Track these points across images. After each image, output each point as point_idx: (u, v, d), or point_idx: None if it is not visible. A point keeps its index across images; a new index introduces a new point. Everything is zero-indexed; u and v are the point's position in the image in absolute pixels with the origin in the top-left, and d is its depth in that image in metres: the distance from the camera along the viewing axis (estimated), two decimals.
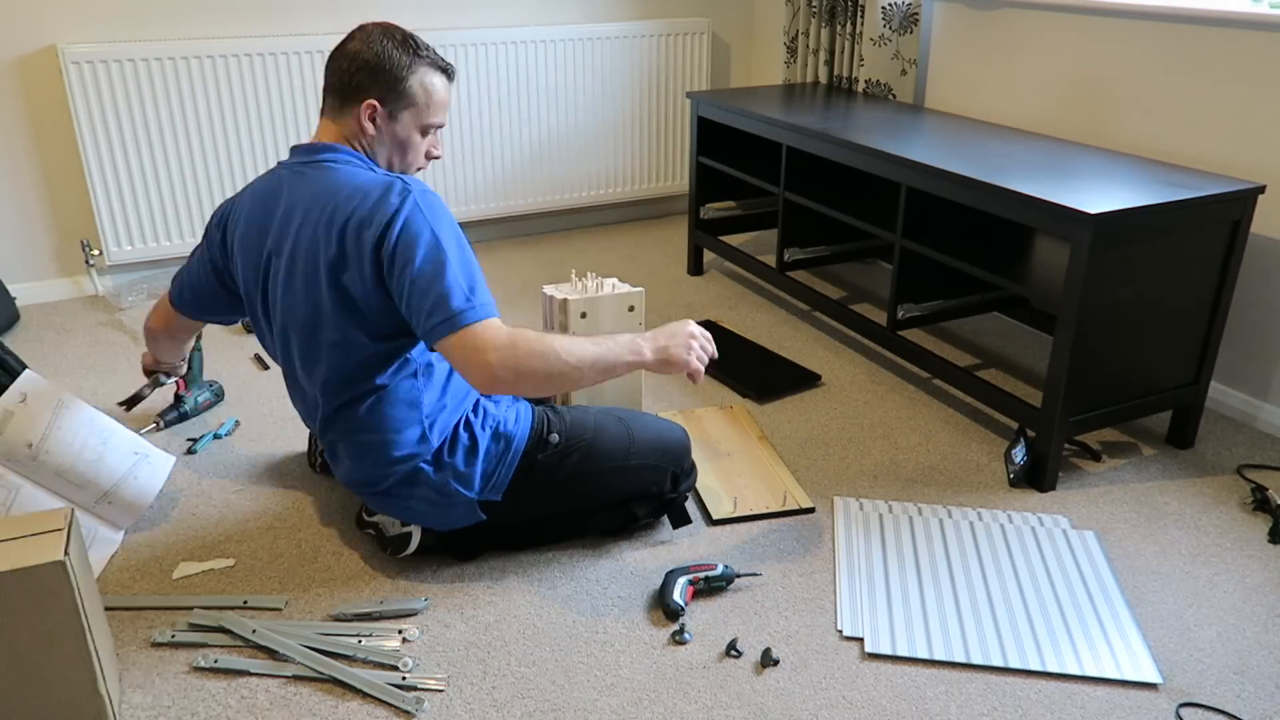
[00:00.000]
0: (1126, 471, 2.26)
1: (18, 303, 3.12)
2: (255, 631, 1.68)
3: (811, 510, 2.08)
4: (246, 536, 1.99)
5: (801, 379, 2.68)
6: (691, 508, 2.08)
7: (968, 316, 2.92)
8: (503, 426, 1.81)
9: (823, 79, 3.56)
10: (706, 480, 2.16)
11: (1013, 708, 1.57)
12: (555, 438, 1.83)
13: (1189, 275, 2.15)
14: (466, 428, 1.79)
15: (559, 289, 1.92)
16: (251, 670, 1.62)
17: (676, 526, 1.97)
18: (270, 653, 1.66)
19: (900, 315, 2.63)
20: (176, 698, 1.57)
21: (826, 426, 2.45)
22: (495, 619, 1.76)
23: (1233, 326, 2.48)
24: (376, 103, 1.69)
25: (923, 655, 1.67)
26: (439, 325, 1.56)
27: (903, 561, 1.91)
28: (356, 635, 1.69)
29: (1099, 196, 2.08)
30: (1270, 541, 2.00)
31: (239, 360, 2.79)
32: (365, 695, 1.57)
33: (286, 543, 1.97)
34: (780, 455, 2.31)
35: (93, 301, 3.20)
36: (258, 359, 2.79)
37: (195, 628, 1.71)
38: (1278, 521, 2.02)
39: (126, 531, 1.99)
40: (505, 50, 3.53)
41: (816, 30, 3.53)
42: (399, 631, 1.71)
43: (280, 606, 1.77)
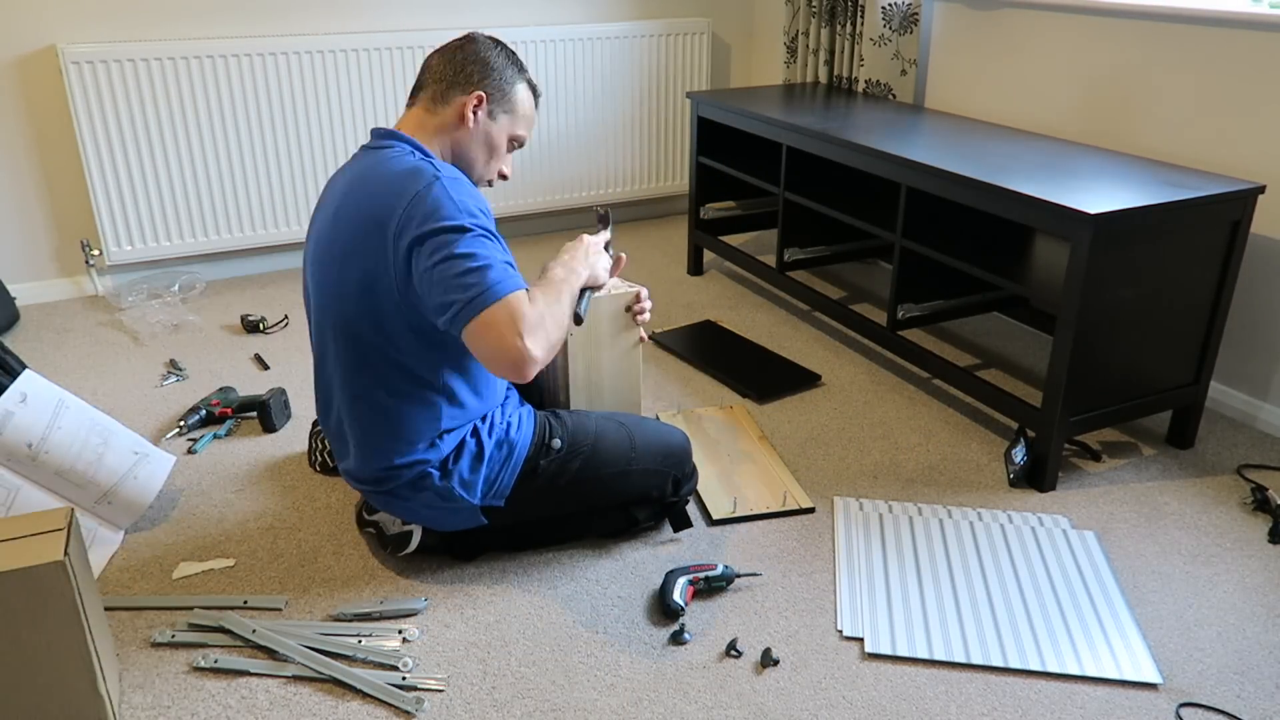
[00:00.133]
0: (1126, 471, 2.26)
1: (18, 303, 3.12)
2: (255, 631, 1.68)
3: (811, 510, 2.08)
4: (246, 536, 1.99)
5: (801, 379, 2.68)
6: (692, 509, 2.08)
7: (968, 316, 2.92)
8: (506, 433, 1.80)
9: (823, 79, 3.56)
10: (706, 480, 2.16)
11: (1013, 708, 1.57)
12: (558, 443, 1.83)
13: (1189, 275, 2.15)
14: (474, 435, 1.78)
15: None
16: (251, 670, 1.62)
17: (677, 530, 1.97)
18: (270, 653, 1.66)
19: (900, 315, 2.63)
20: (176, 698, 1.57)
21: (826, 426, 2.45)
22: (495, 619, 1.76)
23: (1233, 326, 2.48)
24: (485, 96, 1.74)
25: (923, 655, 1.67)
26: (463, 312, 1.51)
27: (903, 561, 1.91)
28: (356, 635, 1.69)
29: (1099, 196, 2.08)
30: (1270, 541, 2.00)
31: (239, 360, 2.79)
32: (365, 695, 1.57)
33: (286, 543, 1.97)
34: (780, 455, 2.31)
35: (93, 301, 3.20)
36: (258, 359, 2.79)
37: (195, 628, 1.71)
38: (1278, 521, 2.02)
39: (126, 531, 1.99)
40: None
41: (816, 30, 3.53)
42: (399, 631, 1.71)
43: (280, 606, 1.77)
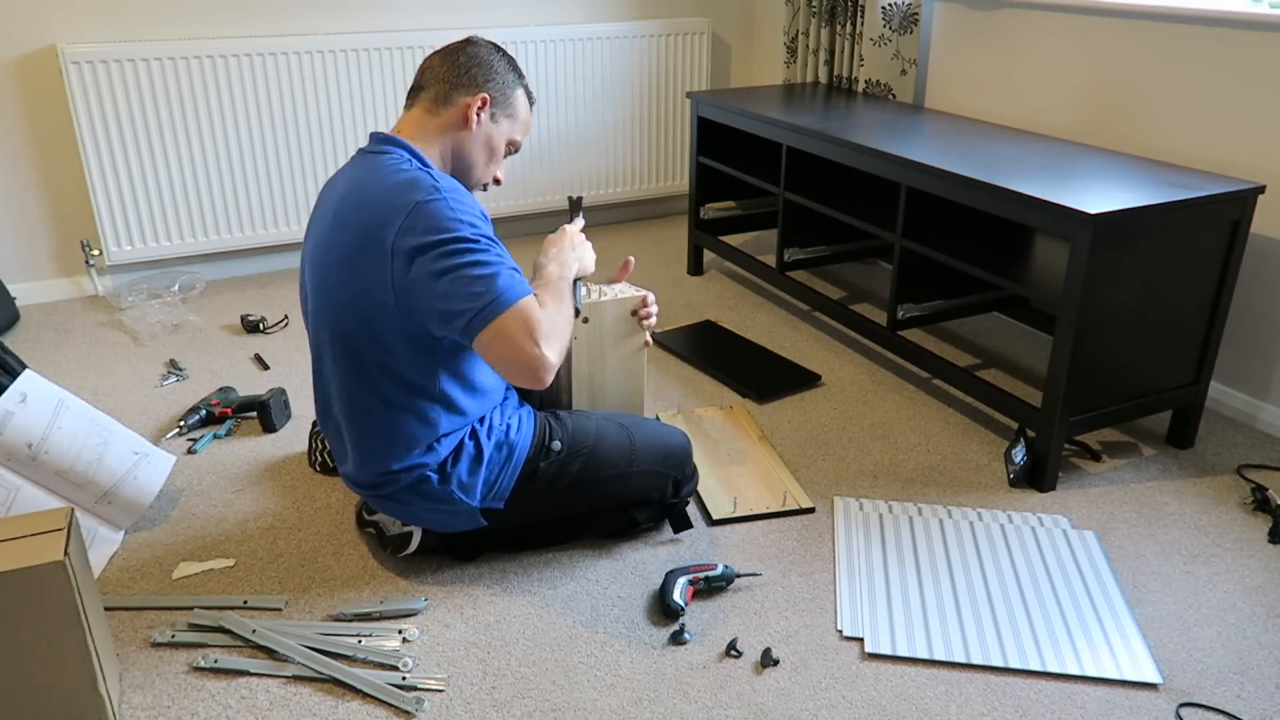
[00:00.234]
0: (1126, 471, 2.26)
1: (18, 303, 3.12)
2: (255, 631, 1.68)
3: (811, 510, 2.08)
4: (246, 536, 1.99)
5: (801, 379, 2.68)
6: (691, 509, 2.08)
7: (968, 316, 2.92)
8: (506, 435, 1.80)
9: (823, 79, 3.56)
10: (707, 480, 2.16)
11: (1013, 708, 1.57)
12: (558, 445, 1.82)
13: (1189, 275, 2.15)
14: (473, 437, 1.78)
15: None
16: (251, 670, 1.62)
17: (678, 531, 1.97)
18: (270, 653, 1.66)
19: (900, 315, 2.63)
20: (176, 698, 1.57)
21: (826, 426, 2.45)
22: (495, 619, 1.76)
23: (1233, 326, 2.48)
24: (488, 98, 1.75)
25: (923, 655, 1.67)
26: (475, 320, 1.52)
27: (903, 561, 1.91)
28: (356, 635, 1.69)
29: (1099, 196, 2.08)
30: (1270, 541, 2.00)
31: (239, 360, 2.79)
32: (365, 695, 1.57)
33: (286, 543, 1.97)
34: (780, 455, 2.31)
35: (93, 301, 3.20)
36: (258, 359, 2.79)
37: (195, 628, 1.71)
38: (1278, 521, 2.02)
39: (126, 531, 1.99)
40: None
41: (816, 30, 3.53)
42: (399, 631, 1.71)
43: (280, 606, 1.77)
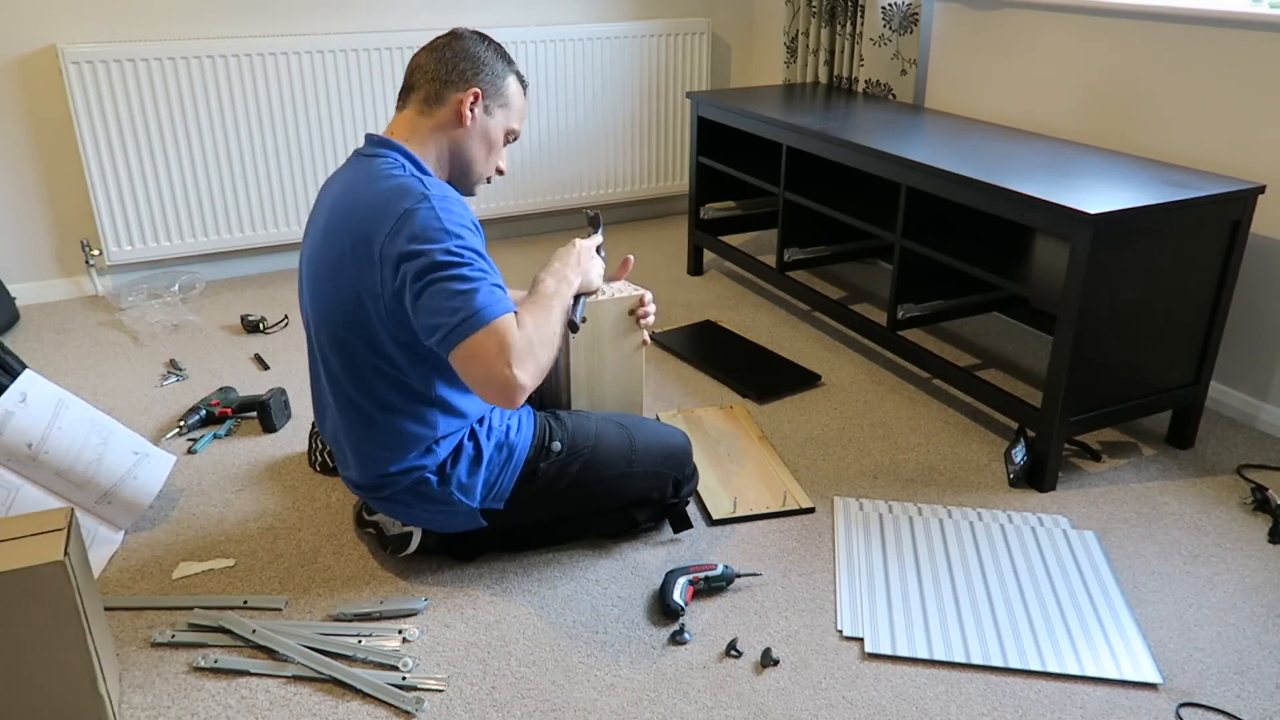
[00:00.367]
0: (1126, 471, 2.26)
1: (18, 303, 3.12)
2: (255, 631, 1.68)
3: (811, 510, 2.08)
4: (246, 536, 1.99)
5: (801, 379, 2.68)
6: (691, 509, 2.08)
7: (968, 316, 2.92)
8: (505, 436, 1.80)
9: (823, 79, 3.56)
10: (706, 480, 2.16)
11: (1013, 708, 1.57)
12: (557, 446, 1.82)
13: (1189, 275, 2.15)
14: (472, 438, 1.78)
15: None
16: (251, 670, 1.62)
17: (678, 531, 1.97)
18: (270, 653, 1.65)
19: (900, 315, 2.63)
20: (176, 698, 1.57)
21: (826, 426, 2.45)
22: (495, 619, 1.76)
23: (1233, 326, 2.48)
24: (480, 92, 1.71)
25: (923, 655, 1.67)
26: (452, 334, 1.50)
27: (903, 561, 1.91)
28: (356, 635, 1.69)
29: (1099, 196, 2.08)
30: (1270, 541, 2.00)
31: (239, 360, 2.79)
32: (365, 695, 1.57)
33: (286, 543, 1.97)
34: (780, 455, 2.31)
35: (93, 301, 3.20)
36: (258, 359, 2.79)
37: (195, 628, 1.71)
38: (1278, 521, 2.02)
39: (126, 531, 1.99)
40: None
41: (816, 30, 3.53)
42: (399, 631, 1.70)
43: (280, 606, 1.77)
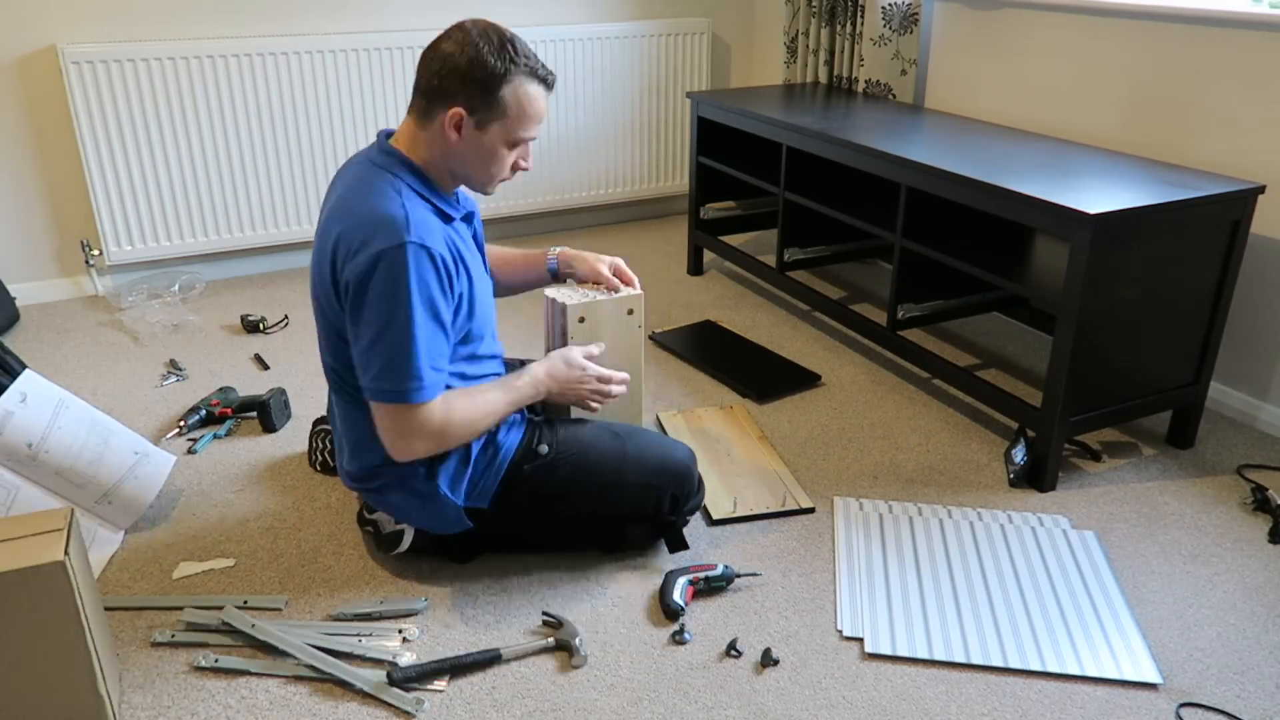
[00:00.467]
0: (1126, 471, 2.26)
1: (18, 303, 3.12)
2: (254, 626, 1.68)
3: (811, 510, 2.08)
4: (246, 536, 1.99)
5: (801, 379, 2.68)
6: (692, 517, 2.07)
7: (968, 316, 2.92)
8: (494, 435, 1.79)
9: (823, 79, 3.56)
10: (706, 481, 2.16)
11: (1013, 708, 1.57)
12: (545, 449, 1.81)
13: (1189, 275, 2.15)
14: None
15: (560, 292, 1.92)
16: (251, 670, 1.62)
17: (673, 551, 1.92)
18: (270, 652, 1.66)
19: (900, 315, 2.63)
20: (176, 698, 1.57)
21: (826, 426, 2.45)
22: (495, 619, 1.76)
23: (1233, 326, 2.48)
24: (464, 111, 1.58)
25: (923, 655, 1.67)
26: (379, 391, 1.60)
27: (903, 561, 1.91)
28: (356, 635, 1.69)
29: (1099, 196, 2.08)
30: (1270, 541, 2.00)
31: (239, 360, 2.79)
32: (365, 695, 1.57)
33: (286, 543, 1.97)
34: (780, 455, 2.31)
35: (93, 301, 3.20)
36: (258, 359, 2.79)
37: (195, 628, 1.71)
38: (1278, 521, 2.02)
39: (126, 531, 1.99)
40: None
41: (816, 30, 3.53)
42: (399, 631, 1.71)
43: (280, 606, 1.77)
